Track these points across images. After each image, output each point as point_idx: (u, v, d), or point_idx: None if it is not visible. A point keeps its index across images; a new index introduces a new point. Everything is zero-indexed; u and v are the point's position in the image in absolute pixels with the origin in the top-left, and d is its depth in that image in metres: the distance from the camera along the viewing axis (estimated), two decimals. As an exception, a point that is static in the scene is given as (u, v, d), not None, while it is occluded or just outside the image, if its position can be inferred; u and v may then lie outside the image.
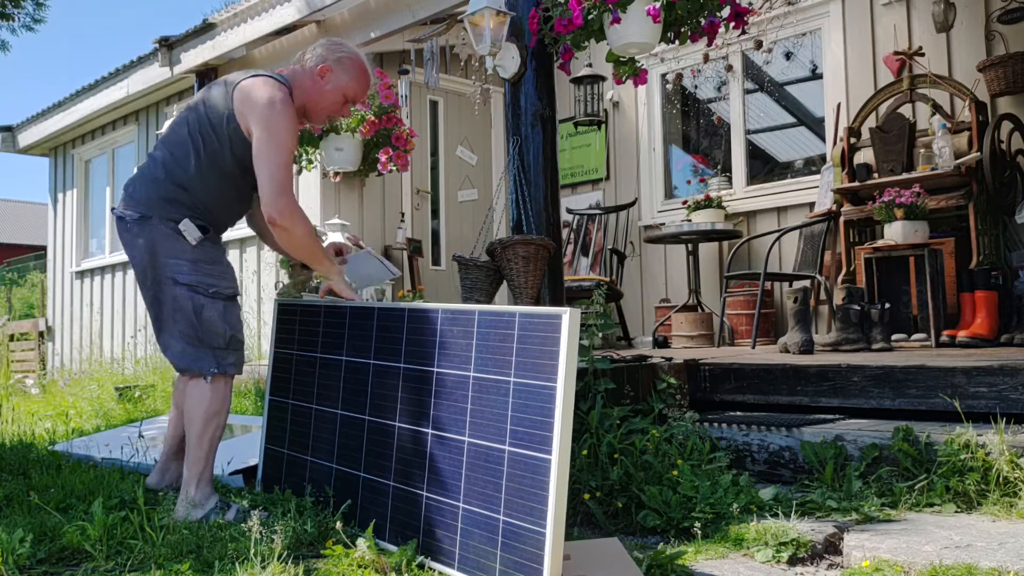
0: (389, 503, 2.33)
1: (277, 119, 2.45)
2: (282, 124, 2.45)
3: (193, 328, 2.50)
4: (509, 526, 1.95)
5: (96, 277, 9.21)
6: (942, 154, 4.59)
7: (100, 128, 9.05)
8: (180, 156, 2.57)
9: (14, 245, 23.18)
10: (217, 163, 2.54)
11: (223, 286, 2.54)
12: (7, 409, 5.78)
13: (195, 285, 2.49)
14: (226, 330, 2.52)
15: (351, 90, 2.66)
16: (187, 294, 2.49)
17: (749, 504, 2.43)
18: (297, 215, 2.46)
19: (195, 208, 2.55)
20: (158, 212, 2.54)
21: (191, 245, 2.51)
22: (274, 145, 2.43)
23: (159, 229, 2.52)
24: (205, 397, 2.50)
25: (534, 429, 1.92)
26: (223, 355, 2.52)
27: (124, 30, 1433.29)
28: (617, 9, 3.12)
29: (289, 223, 2.44)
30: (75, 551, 2.24)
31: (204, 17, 6.18)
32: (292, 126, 2.49)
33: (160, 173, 2.58)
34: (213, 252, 2.58)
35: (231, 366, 2.54)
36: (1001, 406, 2.71)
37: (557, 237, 3.51)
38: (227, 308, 2.54)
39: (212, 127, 2.52)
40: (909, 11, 5.33)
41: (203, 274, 2.51)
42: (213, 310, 2.50)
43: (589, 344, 3.06)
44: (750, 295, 5.53)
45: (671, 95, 6.72)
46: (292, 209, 2.44)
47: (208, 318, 2.50)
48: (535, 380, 1.94)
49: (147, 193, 2.57)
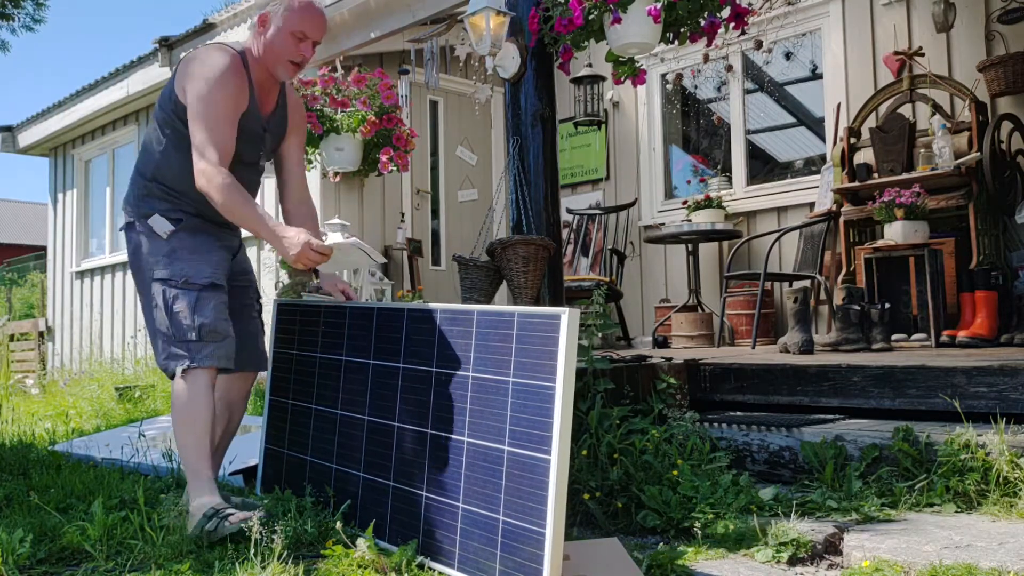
0: (389, 503, 2.33)
1: (202, 79, 2.35)
2: (209, 82, 2.34)
3: (166, 323, 2.39)
4: (509, 526, 1.95)
5: (96, 277, 9.20)
6: (942, 154, 4.59)
7: (100, 128, 9.05)
8: (148, 147, 2.54)
9: (14, 245, 23.18)
10: (178, 144, 2.45)
11: (199, 274, 2.41)
12: (7, 409, 5.78)
13: (168, 278, 2.40)
14: (197, 320, 2.36)
15: (295, 24, 2.47)
16: (160, 289, 2.40)
17: (749, 504, 2.43)
18: (216, 184, 2.30)
19: (170, 198, 2.48)
20: (137, 212, 2.51)
21: (164, 239, 2.44)
22: (200, 105, 2.33)
23: (140, 230, 2.48)
24: (182, 395, 2.36)
25: (533, 429, 1.92)
26: (197, 347, 2.37)
27: (124, 30, 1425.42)
28: (617, 9, 3.12)
29: (212, 189, 2.32)
30: (75, 551, 2.24)
31: (204, 17, 6.19)
32: (222, 83, 2.35)
33: (134, 172, 2.56)
34: (193, 241, 2.46)
35: (208, 358, 2.37)
36: (1001, 406, 2.71)
37: (557, 237, 3.51)
38: (201, 298, 2.39)
39: (163, 108, 2.47)
40: (909, 11, 5.33)
41: (178, 265, 2.41)
42: (184, 301, 2.37)
43: (589, 344, 3.05)
44: (750, 295, 5.52)
45: (671, 95, 6.72)
46: (212, 173, 2.30)
47: (178, 310, 2.37)
48: (534, 380, 1.94)
49: (128, 196, 2.56)
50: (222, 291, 2.46)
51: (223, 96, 2.38)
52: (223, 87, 2.37)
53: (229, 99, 2.39)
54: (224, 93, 2.38)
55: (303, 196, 2.76)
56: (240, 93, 2.43)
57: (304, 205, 2.76)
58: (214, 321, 2.39)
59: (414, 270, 6.33)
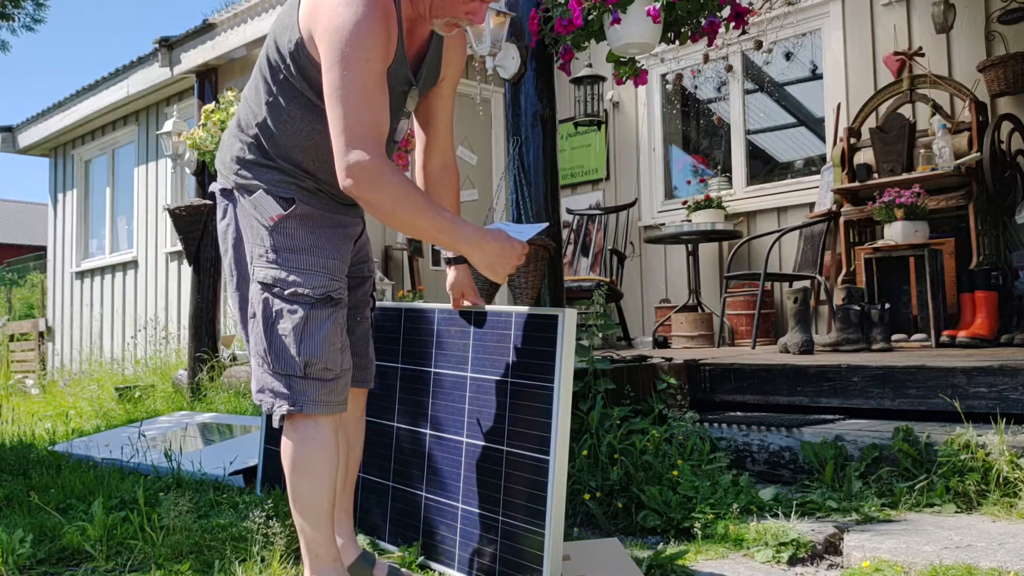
0: (388, 503, 2.33)
1: (341, 26, 1.65)
2: (352, 32, 1.65)
3: (263, 344, 1.79)
4: (508, 526, 1.95)
5: (96, 277, 9.21)
6: (942, 154, 4.59)
7: (100, 128, 9.06)
8: (250, 97, 1.88)
9: (14, 245, 23.19)
10: (295, 96, 1.80)
11: (310, 283, 1.78)
12: (7, 409, 5.79)
13: (271, 284, 1.78)
14: (304, 352, 1.75)
15: None
16: (261, 296, 1.80)
17: (749, 504, 2.43)
18: (379, 178, 1.65)
19: (279, 167, 1.83)
20: (234, 178, 1.87)
21: (268, 226, 1.80)
22: (343, 70, 1.65)
23: (237, 204, 1.86)
24: (288, 446, 1.80)
25: (532, 430, 1.92)
26: (301, 387, 1.76)
27: (124, 30, 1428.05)
28: (617, 9, 3.12)
29: (366, 191, 1.65)
30: (75, 551, 2.24)
31: (204, 17, 6.19)
32: (369, 33, 1.66)
33: (233, 125, 1.92)
34: (308, 233, 1.81)
35: (314, 404, 1.77)
36: (1001, 406, 2.71)
37: (557, 237, 3.51)
38: (311, 318, 1.76)
39: (279, 49, 1.79)
40: (909, 11, 5.33)
41: (286, 268, 1.78)
42: (289, 321, 1.76)
43: (589, 344, 3.06)
44: (750, 295, 5.52)
45: (671, 95, 6.72)
46: (369, 169, 1.64)
47: (281, 333, 1.77)
48: (532, 380, 1.94)
49: (223, 155, 1.93)
50: (340, 306, 1.83)
51: (372, 53, 1.67)
52: (371, 37, 1.67)
53: (378, 56, 1.69)
54: (373, 49, 1.67)
55: (447, 159, 2.11)
56: (388, 42, 1.73)
57: (448, 174, 2.11)
58: (325, 354, 1.77)
59: (414, 270, 6.33)
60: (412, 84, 1.89)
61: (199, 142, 5.50)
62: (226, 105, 5.43)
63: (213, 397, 5.02)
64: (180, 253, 7.59)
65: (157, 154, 8.11)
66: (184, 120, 6.20)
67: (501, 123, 7.29)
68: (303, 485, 1.78)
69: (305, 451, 1.77)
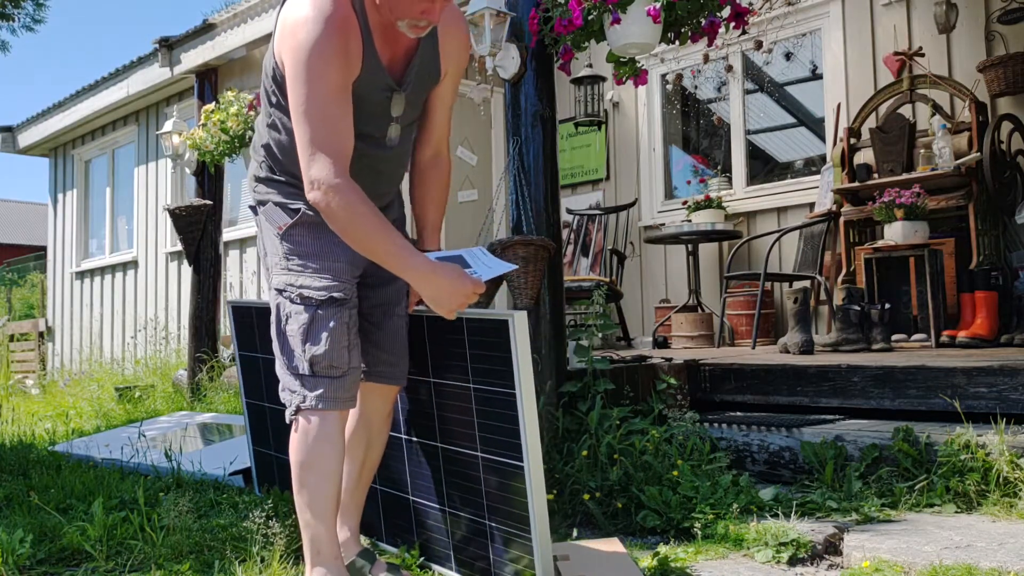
0: (379, 505, 2.33)
1: (297, 46, 1.74)
2: (305, 50, 1.72)
3: (277, 344, 1.92)
4: (495, 530, 1.95)
5: (96, 278, 9.21)
6: (942, 154, 4.59)
7: (100, 128, 9.06)
8: (259, 120, 2.03)
9: (14, 245, 23.19)
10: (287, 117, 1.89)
11: (313, 286, 1.86)
12: (7, 409, 5.79)
13: (283, 288, 1.89)
14: (309, 350, 1.83)
15: None
16: (276, 301, 1.91)
17: (749, 504, 2.43)
18: (337, 193, 1.72)
19: (286, 181, 1.95)
20: (255, 196, 2.02)
21: (278, 234, 1.92)
22: (303, 87, 1.73)
23: (261, 215, 2.00)
24: (296, 441, 1.87)
25: (502, 436, 1.90)
26: (310, 384, 1.84)
27: (124, 30, 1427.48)
28: (617, 9, 3.12)
29: (323, 204, 1.74)
30: (75, 551, 2.25)
31: (204, 17, 6.18)
32: (319, 50, 1.72)
33: (252, 146, 2.06)
34: (313, 240, 1.90)
35: (320, 399, 1.84)
36: (1001, 406, 2.71)
37: (557, 237, 3.51)
38: (316, 319, 1.84)
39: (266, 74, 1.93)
40: (909, 11, 5.33)
41: (294, 272, 1.89)
42: (296, 322, 1.85)
43: (589, 344, 3.06)
44: (750, 295, 5.52)
45: (671, 95, 6.72)
46: (327, 183, 1.72)
47: (290, 333, 1.87)
48: (493, 386, 1.91)
49: (248, 176, 2.07)
50: (346, 306, 1.89)
51: (330, 69, 1.74)
52: (327, 54, 1.73)
53: (334, 72, 1.75)
54: (331, 65, 1.74)
55: (440, 152, 2.14)
56: (347, 56, 1.78)
57: (437, 165, 2.14)
58: (329, 351, 1.84)
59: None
60: (395, 89, 1.92)
61: (199, 142, 5.50)
62: (226, 105, 5.42)
63: (213, 397, 5.02)
64: (180, 253, 7.60)
65: (157, 154, 8.12)
66: (184, 120, 6.20)
67: (501, 123, 7.29)
68: (309, 479, 1.84)
69: (312, 446, 1.84)
